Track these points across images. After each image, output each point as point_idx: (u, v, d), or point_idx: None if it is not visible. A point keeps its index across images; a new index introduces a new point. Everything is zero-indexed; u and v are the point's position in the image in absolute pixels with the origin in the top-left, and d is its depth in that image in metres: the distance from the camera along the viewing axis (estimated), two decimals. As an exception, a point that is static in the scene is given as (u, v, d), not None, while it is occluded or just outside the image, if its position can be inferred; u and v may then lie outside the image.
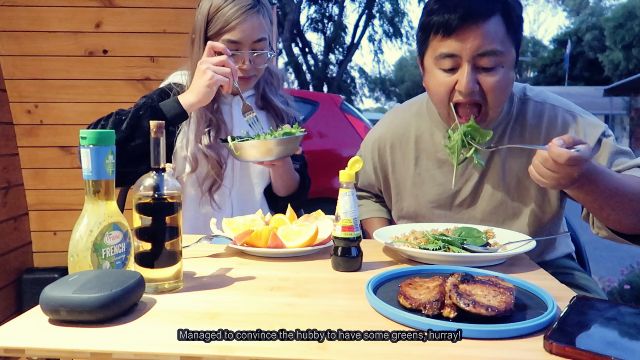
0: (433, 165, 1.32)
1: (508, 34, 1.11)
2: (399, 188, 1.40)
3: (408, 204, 1.38)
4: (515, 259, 1.06)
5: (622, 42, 25.30)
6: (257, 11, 1.37)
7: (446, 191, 1.31)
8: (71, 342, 0.64)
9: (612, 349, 0.59)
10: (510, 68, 1.14)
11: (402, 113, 1.41)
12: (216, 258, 1.07)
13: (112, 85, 2.45)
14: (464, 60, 1.11)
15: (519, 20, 1.14)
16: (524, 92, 1.27)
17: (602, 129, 1.19)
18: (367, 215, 1.54)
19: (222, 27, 1.36)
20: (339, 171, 0.97)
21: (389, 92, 32.11)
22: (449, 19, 1.09)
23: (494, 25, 1.09)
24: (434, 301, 0.70)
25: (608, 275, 3.68)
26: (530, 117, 1.23)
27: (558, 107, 1.23)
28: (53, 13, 2.39)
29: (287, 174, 1.48)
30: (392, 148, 1.39)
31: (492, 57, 1.10)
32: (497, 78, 1.11)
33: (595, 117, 1.23)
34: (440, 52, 1.13)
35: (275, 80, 1.58)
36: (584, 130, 1.18)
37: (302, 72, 22.26)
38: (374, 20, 22.62)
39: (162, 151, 0.83)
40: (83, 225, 0.81)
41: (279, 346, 0.63)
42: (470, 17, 1.08)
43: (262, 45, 1.41)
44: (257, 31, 1.38)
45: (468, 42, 1.09)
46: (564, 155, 0.89)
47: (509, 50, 1.12)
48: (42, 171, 2.52)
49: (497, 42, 1.09)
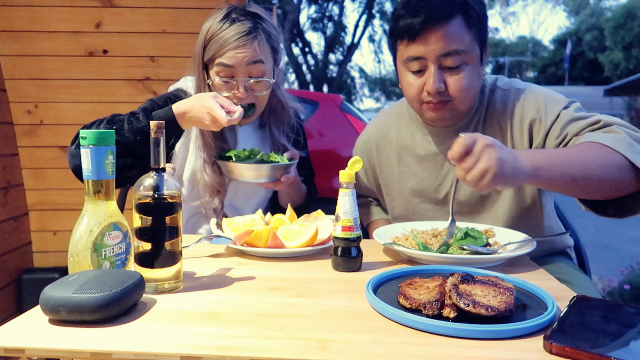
0: (414, 162, 1.36)
1: (470, 33, 1.16)
2: (388, 188, 1.44)
3: (397, 203, 1.42)
4: (515, 259, 1.06)
5: (622, 42, 25.29)
6: (253, 38, 1.32)
7: (429, 185, 1.35)
8: (71, 342, 0.64)
9: (612, 349, 0.59)
10: (475, 65, 1.19)
11: (384, 115, 1.48)
12: (216, 258, 1.07)
13: (112, 85, 2.45)
14: (430, 62, 1.17)
15: (481, 19, 1.18)
16: (495, 83, 1.31)
17: (564, 103, 1.21)
18: (372, 217, 1.56)
19: (215, 52, 1.32)
20: (339, 171, 0.97)
21: (389, 92, 32.08)
22: (412, 24, 1.15)
23: (455, 26, 1.14)
24: (434, 301, 0.70)
25: (608, 275, 3.68)
26: (498, 104, 1.27)
27: (522, 89, 1.27)
28: (53, 13, 2.38)
29: (294, 190, 1.48)
30: (377, 149, 1.44)
31: (456, 56, 1.15)
32: (462, 76, 1.17)
33: (561, 96, 1.24)
34: (407, 55, 1.19)
35: (285, 114, 1.52)
36: (545, 106, 1.21)
37: (302, 72, 22.27)
38: (374, 20, 22.64)
39: (162, 151, 0.83)
40: (83, 225, 0.81)
41: (279, 346, 0.63)
42: (432, 21, 1.13)
43: (258, 72, 1.35)
44: (250, 56, 1.32)
45: (431, 45, 1.15)
46: (455, 147, 0.93)
47: (472, 48, 1.17)
48: (42, 171, 2.52)
49: (459, 42, 1.15)
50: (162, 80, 2.44)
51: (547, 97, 1.23)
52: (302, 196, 1.55)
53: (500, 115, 1.26)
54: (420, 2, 1.16)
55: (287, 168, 1.34)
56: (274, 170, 1.31)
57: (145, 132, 1.25)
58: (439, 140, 1.32)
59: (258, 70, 1.35)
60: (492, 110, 1.28)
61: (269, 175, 1.32)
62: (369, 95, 32.39)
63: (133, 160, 1.26)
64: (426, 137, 1.34)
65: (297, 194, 1.51)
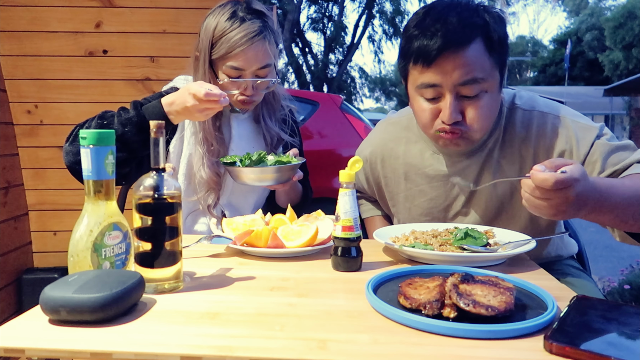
0: (422, 181, 1.30)
1: (491, 58, 1.07)
2: (393, 200, 1.40)
3: (403, 217, 1.38)
4: (515, 259, 1.06)
5: (622, 42, 25.28)
6: (264, 37, 1.33)
7: (437, 205, 1.29)
8: (71, 342, 0.64)
9: (612, 349, 0.59)
10: (494, 92, 1.10)
11: (392, 127, 1.39)
12: (216, 258, 1.07)
13: (112, 85, 2.45)
14: (446, 90, 1.08)
15: (502, 41, 1.09)
16: (513, 101, 1.22)
17: (596, 131, 1.14)
18: (367, 214, 1.54)
19: (226, 53, 1.33)
20: (339, 171, 0.97)
21: (389, 92, 32.07)
22: (428, 49, 1.05)
23: (475, 51, 1.05)
24: (434, 301, 0.70)
25: (608, 275, 3.68)
26: (518, 127, 1.19)
27: (547, 113, 1.18)
28: (53, 13, 2.39)
29: (292, 189, 1.48)
30: (382, 162, 1.38)
31: (475, 85, 1.06)
32: (480, 104, 1.08)
33: (588, 119, 1.18)
34: (421, 82, 1.10)
35: (277, 104, 1.55)
36: (575, 135, 1.14)
37: (302, 72, 22.26)
38: (374, 20, 22.61)
39: (162, 151, 0.83)
40: (83, 225, 0.81)
41: (279, 346, 0.63)
42: (449, 46, 1.03)
43: (266, 72, 1.38)
44: (262, 58, 1.34)
45: (448, 73, 1.05)
46: (550, 180, 0.83)
47: (492, 74, 1.08)
48: (42, 171, 2.52)
49: (479, 69, 1.05)
50: (162, 80, 2.44)
51: (576, 123, 1.15)
52: (299, 195, 1.56)
53: (522, 141, 1.18)
54: (437, 24, 1.05)
55: (295, 168, 1.32)
56: (287, 171, 1.29)
57: (133, 123, 1.25)
58: (450, 162, 1.25)
59: (266, 72, 1.38)
60: (511, 132, 1.19)
61: (281, 178, 1.29)
62: (369, 95, 32.37)
63: (125, 154, 1.26)
64: (436, 155, 1.27)
65: (294, 193, 1.52)
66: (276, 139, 1.52)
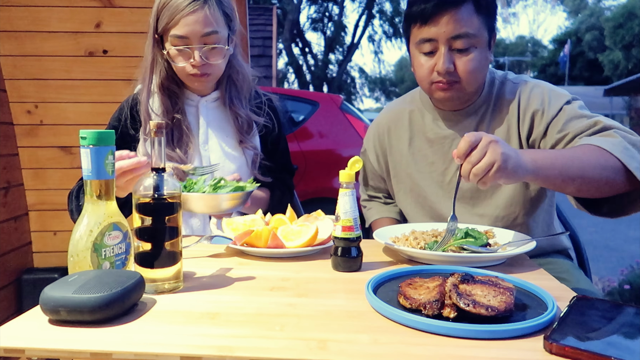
0: (425, 145, 1.42)
1: (479, 18, 1.23)
2: (395, 169, 1.48)
3: (404, 185, 1.46)
4: (515, 259, 1.06)
5: (622, 42, 25.28)
6: (204, 2, 1.32)
7: (436, 168, 1.40)
8: (71, 342, 0.64)
9: (612, 349, 0.59)
10: (483, 49, 1.26)
11: (396, 102, 1.55)
12: (216, 258, 1.07)
13: (112, 85, 2.45)
14: (440, 44, 1.24)
15: (490, 6, 1.26)
16: (505, 76, 1.38)
17: (568, 98, 1.26)
18: (375, 216, 1.56)
19: (168, 22, 1.33)
20: (339, 171, 0.97)
21: (389, 92, 32.08)
22: (425, 8, 1.22)
23: (465, 11, 1.22)
24: (434, 301, 0.70)
25: (608, 275, 3.68)
26: (507, 95, 1.34)
27: (529, 81, 1.34)
28: (53, 13, 2.38)
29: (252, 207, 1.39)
30: (389, 132, 1.50)
31: (465, 39, 1.22)
32: (470, 58, 1.24)
33: (566, 92, 1.30)
34: (419, 38, 1.26)
35: (245, 83, 1.51)
36: (549, 99, 1.27)
37: (302, 72, 22.26)
38: (374, 20, 22.65)
39: (162, 151, 0.83)
40: (83, 226, 0.81)
41: (279, 346, 0.63)
42: (444, 5, 1.21)
43: (213, 39, 1.35)
44: (204, 23, 1.33)
45: (442, 27, 1.22)
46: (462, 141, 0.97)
47: (481, 32, 1.24)
48: (42, 171, 2.52)
49: (469, 25, 1.22)
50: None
51: (552, 91, 1.29)
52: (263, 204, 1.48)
53: (508, 106, 1.32)
54: None
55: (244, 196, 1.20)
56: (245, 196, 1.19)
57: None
58: (448, 124, 1.38)
59: (212, 39, 1.36)
60: (501, 100, 1.34)
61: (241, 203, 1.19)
62: (369, 95, 32.41)
63: None
64: (436, 121, 1.40)
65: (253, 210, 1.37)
66: (246, 123, 1.48)
